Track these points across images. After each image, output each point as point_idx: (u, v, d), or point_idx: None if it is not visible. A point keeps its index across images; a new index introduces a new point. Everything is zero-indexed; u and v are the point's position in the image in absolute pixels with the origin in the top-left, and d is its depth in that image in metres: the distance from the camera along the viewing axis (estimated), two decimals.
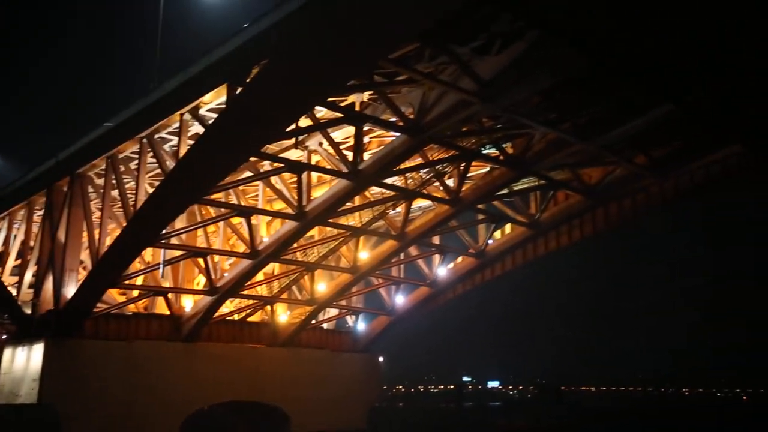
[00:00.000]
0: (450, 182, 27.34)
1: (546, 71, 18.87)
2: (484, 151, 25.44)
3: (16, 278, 35.00)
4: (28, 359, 28.61)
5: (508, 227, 32.21)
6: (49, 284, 30.25)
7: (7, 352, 31.43)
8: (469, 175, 27.60)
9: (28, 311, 31.73)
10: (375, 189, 28.65)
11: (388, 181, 26.66)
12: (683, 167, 26.39)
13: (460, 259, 34.19)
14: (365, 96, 23.99)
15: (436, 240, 33.25)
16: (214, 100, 23.64)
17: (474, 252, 32.81)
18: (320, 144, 26.07)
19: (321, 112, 23.94)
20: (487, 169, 27.89)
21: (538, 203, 30.38)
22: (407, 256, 34.04)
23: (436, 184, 27.06)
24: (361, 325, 37.97)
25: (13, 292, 34.15)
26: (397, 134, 23.01)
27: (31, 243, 34.34)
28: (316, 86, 19.33)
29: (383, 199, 28.13)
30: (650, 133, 23.42)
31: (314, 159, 27.57)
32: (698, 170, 26.44)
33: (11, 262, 36.30)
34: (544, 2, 16.07)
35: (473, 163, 26.88)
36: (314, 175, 28.76)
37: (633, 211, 28.81)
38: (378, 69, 20.54)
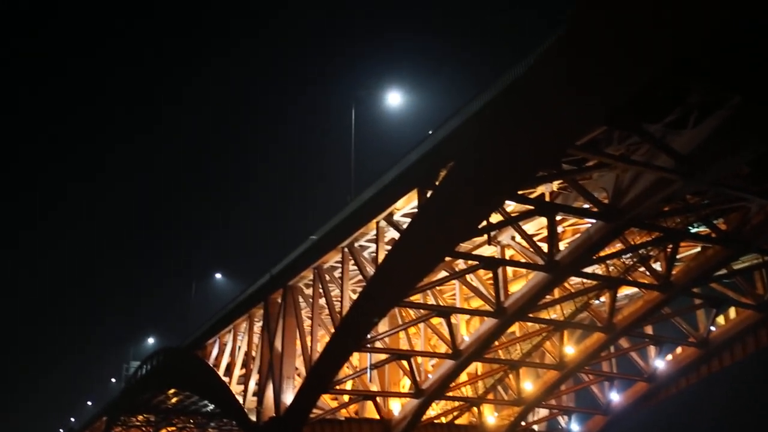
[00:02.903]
0: (657, 266, 25.42)
1: (755, 138, 17.29)
2: (693, 230, 23.50)
3: (242, 387, 37.94)
4: None
5: (732, 311, 28.87)
6: (269, 392, 32.40)
7: None
8: (678, 256, 25.47)
9: (254, 418, 34.05)
10: (575, 279, 27.48)
11: (588, 270, 25.48)
12: None
13: (679, 349, 31.08)
14: (555, 185, 23.61)
15: (649, 330, 30.68)
16: (406, 205, 24.71)
17: (695, 341, 29.68)
18: (513, 238, 25.83)
19: (511, 206, 23.91)
20: (699, 248, 25.62)
21: (765, 282, 27.01)
22: (618, 349, 31.68)
23: (642, 269, 25.30)
24: (575, 427, 35.47)
25: (240, 399, 36.96)
26: (593, 221, 22.15)
27: (253, 353, 37.28)
28: (503, 183, 19.48)
29: (585, 290, 26.81)
30: None
31: (508, 253, 27.27)
32: None
33: (237, 371, 39.53)
34: (743, 67, 15.03)
35: (682, 244, 24.85)
36: (510, 269, 28.38)
37: None
38: (565, 157, 20.23)
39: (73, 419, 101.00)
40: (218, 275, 50.54)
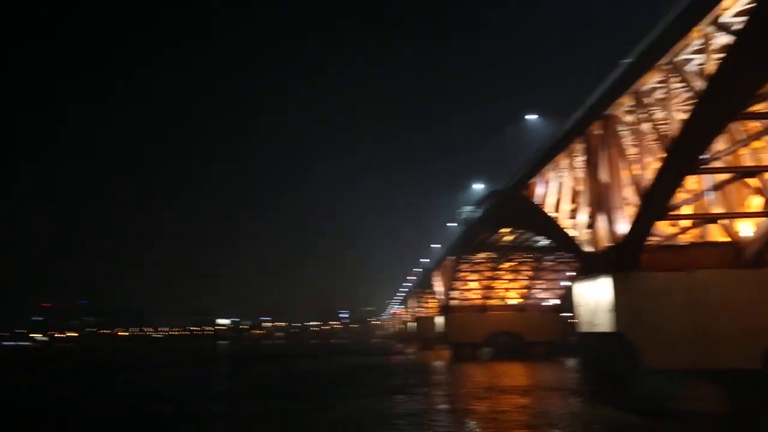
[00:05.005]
0: None
1: None
2: None
3: (571, 221, 38.54)
4: (597, 292, 31.26)
5: None
6: (600, 223, 32.38)
7: (577, 286, 35.03)
8: None
9: (586, 249, 34.63)
10: None
11: None
12: None
13: None
14: None
15: None
16: (735, 2, 21.24)
17: None
18: None
19: None
20: None
21: None
22: None
23: None
24: None
25: (571, 233, 37.72)
26: None
27: (579, 187, 37.22)
28: None
29: None
30: None
31: None
32: None
33: (566, 206, 40.10)
34: None
35: None
36: None
37: None
38: None
39: (427, 260, 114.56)
40: (530, 116, 50.22)
